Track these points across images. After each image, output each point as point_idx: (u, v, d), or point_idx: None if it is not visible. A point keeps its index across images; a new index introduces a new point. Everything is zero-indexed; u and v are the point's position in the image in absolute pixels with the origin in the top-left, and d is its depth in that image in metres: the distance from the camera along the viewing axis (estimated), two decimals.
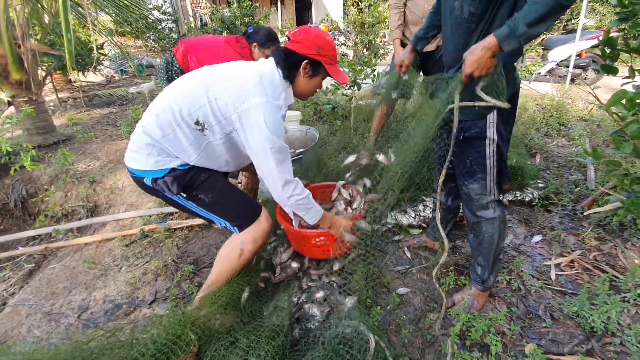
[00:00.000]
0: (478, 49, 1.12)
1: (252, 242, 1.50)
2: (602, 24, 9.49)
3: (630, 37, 2.44)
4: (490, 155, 1.36)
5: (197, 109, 1.32)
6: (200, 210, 1.49)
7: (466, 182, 1.45)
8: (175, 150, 1.36)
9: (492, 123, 1.32)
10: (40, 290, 2.10)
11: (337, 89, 3.54)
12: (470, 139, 1.37)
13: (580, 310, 1.51)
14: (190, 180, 1.41)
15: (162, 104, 1.35)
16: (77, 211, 3.05)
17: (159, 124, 1.33)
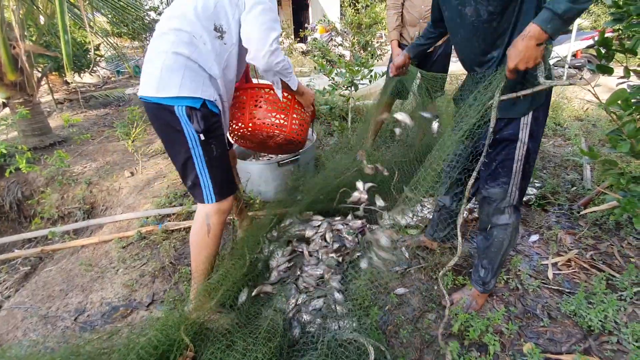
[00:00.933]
0: (520, 41, 1.07)
1: (216, 215, 1.47)
2: (597, 25, 9.56)
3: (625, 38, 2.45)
4: (519, 159, 1.31)
5: (213, 14, 1.36)
6: (200, 162, 1.43)
7: (487, 186, 1.40)
8: (205, 64, 1.37)
9: (526, 125, 1.27)
10: (37, 293, 2.08)
11: (335, 89, 3.54)
12: (501, 141, 1.32)
13: (577, 309, 1.52)
14: (214, 125, 1.43)
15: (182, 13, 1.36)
16: (73, 213, 3.03)
17: (184, 39, 1.33)
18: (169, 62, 1.32)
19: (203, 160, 1.44)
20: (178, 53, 1.32)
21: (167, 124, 1.39)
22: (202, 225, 1.48)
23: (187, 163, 1.45)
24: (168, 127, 1.40)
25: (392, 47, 2.79)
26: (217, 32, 1.37)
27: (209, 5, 1.36)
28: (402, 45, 2.80)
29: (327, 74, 3.48)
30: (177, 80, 1.33)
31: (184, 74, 1.33)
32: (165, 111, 1.36)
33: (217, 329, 1.37)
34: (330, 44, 7.98)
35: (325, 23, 7.41)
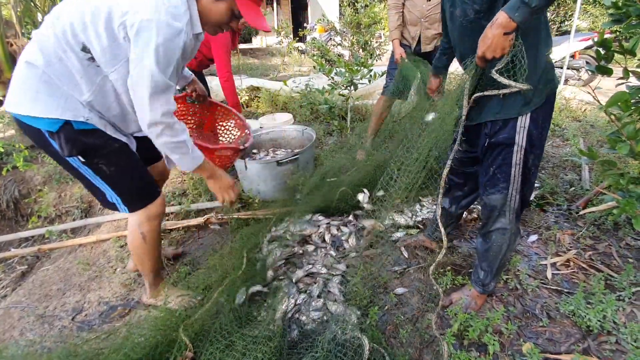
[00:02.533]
0: (488, 29, 1.05)
1: (147, 222, 1.44)
2: (595, 26, 9.60)
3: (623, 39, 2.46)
4: (517, 164, 1.25)
5: (81, 32, 1.13)
6: (95, 179, 1.33)
7: (487, 192, 1.35)
8: (65, 83, 1.17)
9: (522, 128, 1.20)
10: (33, 292, 2.07)
11: (334, 89, 3.54)
12: (496, 145, 1.26)
13: (576, 309, 1.52)
14: (94, 144, 1.25)
15: (44, 26, 1.16)
16: (71, 212, 3.01)
17: (41, 48, 1.14)
18: (22, 73, 1.16)
19: (98, 178, 1.33)
20: (31, 63, 1.14)
21: (39, 143, 1.25)
22: (136, 235, 1.46)
23: (84, 181, 1.36)
24: (43, 147, 1.26)
25: (393, 46, 2.79)
26: (86, 52, 1.16)
27: (84, 21, 1.13)
28: (402, 45, 2.80)
29: (326, 73, 3.48)
30: (30, 94, 1.15)
31: (38, 89, 1.15)
32: (31, 129, 1.21)
33: (215, 329, 1.36)
34: (330, 44, 7.99)
35: (325, 22, 7.41)
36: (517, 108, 1.19)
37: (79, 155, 1.25)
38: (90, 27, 1.14)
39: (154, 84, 1.14)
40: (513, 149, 1.24)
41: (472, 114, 1.30)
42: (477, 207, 2.24)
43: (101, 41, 1.15)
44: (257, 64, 8.74)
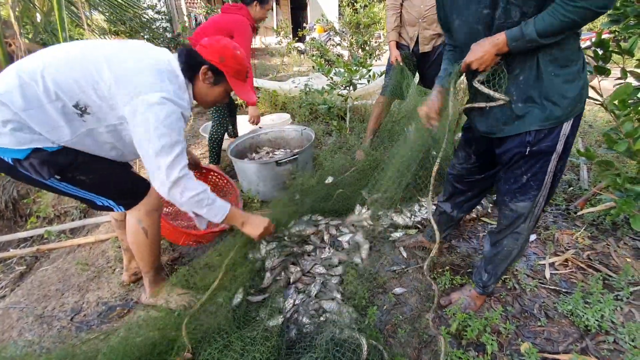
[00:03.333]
0: (486, 42, 1.10)
1: (147, 216, 1.45)
2: (593, 26, 9.60)
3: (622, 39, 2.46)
4: (551, 171, 1.22)
5: (79, 91, 1.16)
6: (78, 192, 1.33)
7: (517, 199, 1.30)
8: (41, 128, 1.15)
9: (564, 135, 1.16)
10: (32, 292, 2.06)
11: (333, 89, 3.54)
12: (537, 153, 1.20)
13: (574, 308, 1.53)
14: (67, 162, 1.24)
15: (32, 70, 1.13)
16: (69, 212, 3.01)
17: (23, 94, 1.11)
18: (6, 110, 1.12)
19: (79, 190, 1.32)
20: (5, 103, 1.11)
21: (12, 170, 1.21)
22: (137, 231, 1.47)
23: (68, 195, 1.35)
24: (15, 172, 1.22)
25: (390, 48, 2.80)
26: (77, 109, 1.18)
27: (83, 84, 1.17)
28: (401, 46, 2.80)
29: (325, 73, 3.48)
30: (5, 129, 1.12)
31: (6, 126, 1.12)
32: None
33: (214, 330, 1.36)
34: (329, 44, 7.99)
35: (324, 23, 7.41)
36: (565, 114, 1.13)
37: (55, 175, 1.24)
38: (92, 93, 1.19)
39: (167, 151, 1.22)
40: (552, 157, 1.20)
41: (504, 126, 1.22)
42: (478, 208, 2.24)
43: (94, 106, 1.21)
44: (256, 64, 8.73)
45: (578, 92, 1.12)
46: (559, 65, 1.09)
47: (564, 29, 1.01)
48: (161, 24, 8.24)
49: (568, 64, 1.10)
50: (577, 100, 1.12)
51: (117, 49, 1.26)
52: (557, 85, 1.11)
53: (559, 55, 1.09)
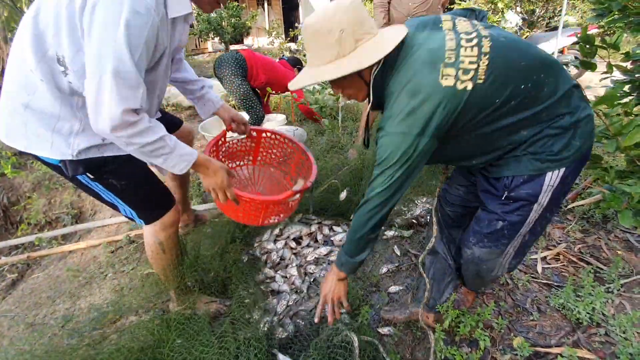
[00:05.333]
0: (327, 278, 1.27)
1: (163, 231, 1.37)
2: (583, 21, 9.70)
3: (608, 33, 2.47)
4: (530, 223, 1.10)
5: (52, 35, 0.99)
6: (108, 195, 1.28)
7: (482, 244, 1.18)
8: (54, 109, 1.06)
9: (550, 187, 1.03)
10: (23, 300, 2.04)
11: (325, 88, 3.53)
12: (515, 199, 1.07)
13: (566, 302, 1.54)
14: (99, 162, 1.18)
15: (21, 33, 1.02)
16: (61, 218, 2.98)
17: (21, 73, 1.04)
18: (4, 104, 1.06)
19: (110, 194, 1.27)
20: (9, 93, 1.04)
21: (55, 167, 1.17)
22: (154, 246, 1.41)
23: (98, 198, 1.30)
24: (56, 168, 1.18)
25: None
26: (60, 64, 1.01)
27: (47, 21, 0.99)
28: None
29: None
30: (21, 130, 1.07)
31: (26, 124, 1.06)
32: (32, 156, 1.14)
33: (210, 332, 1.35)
34: None
35: None
36: (548, 163, 1.01)
37: (87, 173, 1.18)
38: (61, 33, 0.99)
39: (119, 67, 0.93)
40: (532, 207, 1.07)
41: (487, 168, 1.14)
42: None
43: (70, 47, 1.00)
44: None
45: (565, 142, 0.99)
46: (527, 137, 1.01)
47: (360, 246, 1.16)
48: None
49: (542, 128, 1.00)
50: (565, 150, 1.00)
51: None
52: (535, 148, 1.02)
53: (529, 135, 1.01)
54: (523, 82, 0.95)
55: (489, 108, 0.96)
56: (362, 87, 1.09)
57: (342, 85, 1.10)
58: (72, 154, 1.11)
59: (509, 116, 0.98)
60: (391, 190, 1.02)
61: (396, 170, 0.99)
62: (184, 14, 1.09)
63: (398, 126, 0.96)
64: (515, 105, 0.97)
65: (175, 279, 1.49)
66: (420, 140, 0.95)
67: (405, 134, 0.95)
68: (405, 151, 0.96)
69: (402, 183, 1.02)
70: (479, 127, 1.00)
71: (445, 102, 0.92)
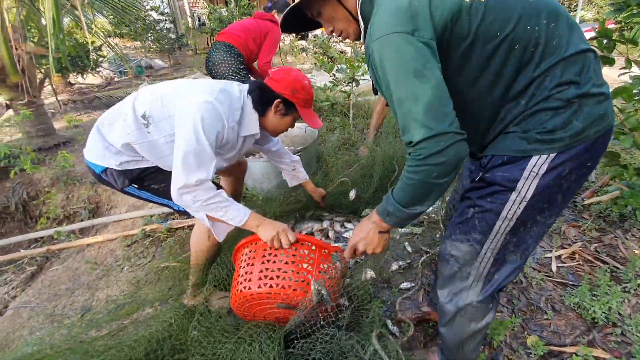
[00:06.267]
0: (366, 222, 1.01)
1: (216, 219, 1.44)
2: (599, 17, 9.47)
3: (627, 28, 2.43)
4: (507, 218, 0.90)
5: (148, 102, 1.35)
6: (157, 198, 1.50)
7: (454, 236, 1.00)
8: (113, 136, 1.37)
9: (533, 174, 0.84)
10: (43, 292, 2.11)
11: (336, 85, 3.54)
12: (489, 182, 0.91)
13: (581, 301, 1.52)
14: (140, 173, 1.43)
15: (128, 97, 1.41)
16: (78, 213, 3.06)
17: (114, 111, 1.40)
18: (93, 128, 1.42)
19: (157, 197, 1.49)
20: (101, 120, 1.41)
21: (103, 180, 1.46)
22: (203, 230, 1.51)
23: (148, 200, 1.53)
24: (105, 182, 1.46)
25: None
26: (144, 119, 1.34)
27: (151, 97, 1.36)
28: None
29: (328, 70, 3.48)
30: (90, 143, 1.42)
31: (96, 139, 1.40)
32: (93, 171, 1.45)
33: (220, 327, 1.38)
34: (331, 41, 7.96)
35: None
36: (536, 144, 0.84)
37: (133, 184, 1.44)
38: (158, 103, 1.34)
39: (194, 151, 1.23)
40: (509, 196, 0.88)
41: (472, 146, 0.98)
42: None
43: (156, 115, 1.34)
44: None
45: (563, 120, 0.81)
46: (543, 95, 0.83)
47: (419, 196, 0.86)
48: (165, 25, 8.28)
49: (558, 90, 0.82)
50: (561, 130, 0.82)
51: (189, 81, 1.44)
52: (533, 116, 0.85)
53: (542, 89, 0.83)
54: (529, 21, 0.81)
55: (490, 42, 0.81)
56: (347, 18, 0.97)
57: (329, 20, 1.00)
58: (115, 164, 1.39)
59: (509, 64, 0.82)
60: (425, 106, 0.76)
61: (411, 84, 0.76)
62: (252, 133, 1.48)
63: (389, 27, 0.78)
64: (519, 52, 0.81)
65: (203, 268, 1.56)
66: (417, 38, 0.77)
67: (400, 34, 0.77)
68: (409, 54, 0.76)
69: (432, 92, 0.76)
70: (480, 68, 0.84)
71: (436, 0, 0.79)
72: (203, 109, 1.26)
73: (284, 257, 1.25)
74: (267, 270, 1.23)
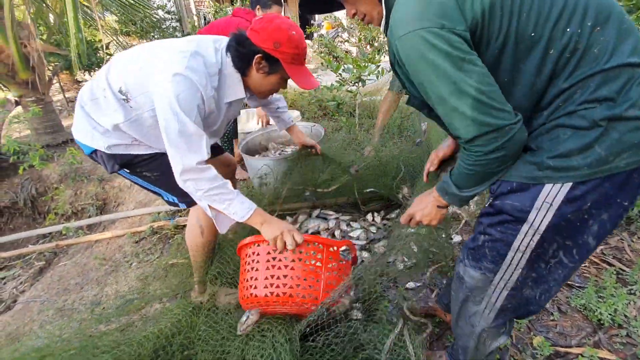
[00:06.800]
0: (429, 197, 0.98)
1: (206, 216, 1.38)
2: None
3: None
4: (519, 250, 0.82)
5: (122, 77, 1.25)
6: (147, 185, 1.45)
7: (467, 260, 0.96)
8: (98, 115, 1.29)
9: (547, 204, 0.75)
10: (52, 287, 2.14)
11: (342, 85, 3.54)
12: (499, 211, 0.84)
13: (587, 302, 1.52)
14: (132, 159, 1.36)
15: (101, 70, 1.33)
16: (86, 209, 3.09)
17: (91, 86, 1.31)
18: (76, 104, 1.36)
19: (145, 183, 1.43)
20: (80, 96, 1.33)
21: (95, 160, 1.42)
22: (194, 227, 1.49)
23: (139, 185, 1.47)
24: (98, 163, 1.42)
25: None
26: (122, 94, 1.24)
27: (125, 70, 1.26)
28: None
29: (334, 70, 3.49)
30: (76, 122, 1.35)
31: (80, 119, 1.33)
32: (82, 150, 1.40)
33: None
34: (337, 40, 7.97)
35: (332, 19, 7.39)
36: (548, 171, 0.74)
37: (124, 169, 1.38)
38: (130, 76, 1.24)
39: (180, 130, 1.15)
40: (520, 227, 0.80)
41: None
42: None
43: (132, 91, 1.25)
44: None
45: (582, 144, 0.71)
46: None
47: (478, 181, 0.82)
48: (171, 24, 8.32)
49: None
50: (579, 155, 0.71)
51: (160, 44, 1.30)
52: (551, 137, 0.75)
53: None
54: (570, 21, 0.70)
55: (522, 42, 0.72)
56: (373, 1, 0.90)
57: (353, 2, 0.93)
58: (104, 146, 1.31)
59: (542, 71, 0.73)
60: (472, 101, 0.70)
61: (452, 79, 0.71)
62: (238, 98, 1.34)
63: (415, 22, 0.71)
64: (554, 58, 0.71)
65: (204, 264, 1.56)
66: (447, 30, 0.70)
67: (426, 31, 0.70)
68: (438, 49, 0.70)
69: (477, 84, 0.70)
70: (509, 72, 0.75)
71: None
72: (175, 86, 1.13)
73: (289, 262, 1.20)
74: (273, 277, 1.19)
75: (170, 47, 1.25)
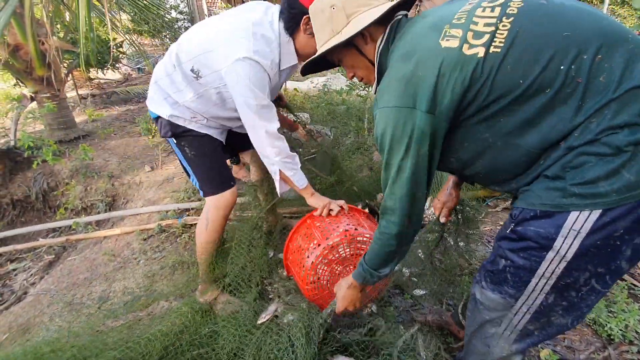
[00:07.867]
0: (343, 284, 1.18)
1: (214, 209, 1.55)
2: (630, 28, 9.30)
3: None
4: (544, 276, 0.79)
5: (193, 57, 1.38)
6: (183, 160, 1.58)
7: (485, 283, 0.91)
8: (171, 89, 1.44)
9: (574, 232, 0.72)
10: (61, 280, 2.17)
11: (352, 89, 3.55)
12: (522, 237, 0.80)
13: (597, 317, 1.50)
14: (182, 132, 1.49)
15: (171, 48, 1.47)
16: (96, 205, 3.13)
17: (165, 63, 1.45)
18: (152, 78, 1.52)
19: (182, 158, 1.57)
20: (155, 72, 1.50)
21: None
22: (202, 219, 1.58)
23: (180, 161, 1.61)
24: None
25: None
26: (193, 73, 1.39)
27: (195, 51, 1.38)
28: None
29: (344, 74, 3.48)
30: (150, 94, 1.52)
31: (155, 91, 1.49)
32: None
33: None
34: None
35: None
36: (573, 198, 0.71)
37: (173, 137, 1.51)
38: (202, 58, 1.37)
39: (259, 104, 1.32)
40: (545, 255, 0.76)
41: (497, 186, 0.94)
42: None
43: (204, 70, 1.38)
44: None
45: (608, 170, 0.68)
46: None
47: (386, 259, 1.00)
48: (183, 24, 8.41)
49: None
50: (606, 182, 0.68)
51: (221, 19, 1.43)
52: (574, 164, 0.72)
53: None
54: (564, 58, 0.69)
55: (512, 92, 0.72)
56: (367, 66, 1.00)
57: (350, 67, 1.04)
58: (167, 115, 1.47)
59: (541, 111, 0.73)
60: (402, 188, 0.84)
61: (399, 158, 0.82)
62: (292, 64, 1.45)
63: (390, 98, 0.79)
64: (551, 96, 0.71)
65: (206, 261, 1.60)
66: (417, 114, 0.76)
67: (399, 109, 0.77)
68: (402, 130, 0.78)
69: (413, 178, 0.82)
70: (509, 121, 0.76)
71: (445, 67, 0.73)
72: (247, 70, 1.29)
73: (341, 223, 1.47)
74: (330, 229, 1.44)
75: (237, 27, 1.35)
